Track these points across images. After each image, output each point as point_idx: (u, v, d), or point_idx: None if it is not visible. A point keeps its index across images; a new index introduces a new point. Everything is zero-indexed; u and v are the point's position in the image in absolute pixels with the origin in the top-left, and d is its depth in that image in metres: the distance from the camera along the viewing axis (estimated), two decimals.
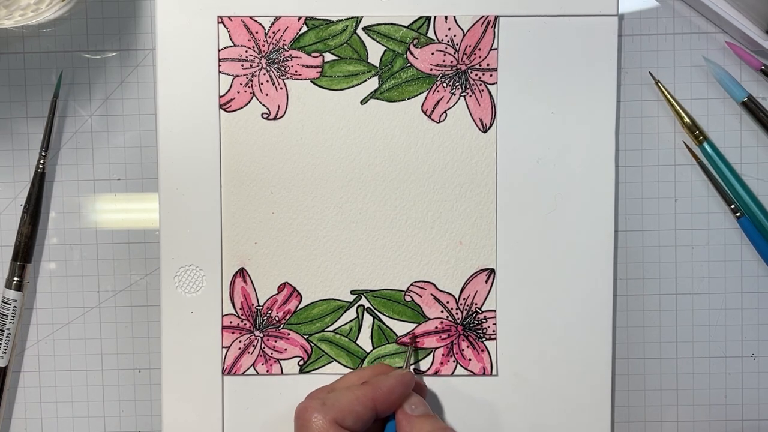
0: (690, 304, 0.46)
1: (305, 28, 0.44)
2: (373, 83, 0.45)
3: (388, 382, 0.40)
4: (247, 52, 0.44)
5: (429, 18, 0.44)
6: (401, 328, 0.45)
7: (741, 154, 0.46)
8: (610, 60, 0.44)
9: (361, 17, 0.44)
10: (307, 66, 0.44)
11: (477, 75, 0.44)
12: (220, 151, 0.44)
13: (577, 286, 0.45)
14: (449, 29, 0.44)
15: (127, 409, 0.46)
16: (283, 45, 0.44)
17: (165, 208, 0.44)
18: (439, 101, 0.45)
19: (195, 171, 0.44)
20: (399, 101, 0.45)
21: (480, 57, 0.44)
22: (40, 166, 0.45)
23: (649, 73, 0.45)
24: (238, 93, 0.44)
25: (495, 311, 0.45)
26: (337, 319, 0.45)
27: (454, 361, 0.45)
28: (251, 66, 0.44)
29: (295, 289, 0.45)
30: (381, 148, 0.45)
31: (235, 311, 0.45)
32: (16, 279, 0.45)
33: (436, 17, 0.44)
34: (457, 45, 0.44)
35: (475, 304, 0.45)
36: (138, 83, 0.46)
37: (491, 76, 0.44)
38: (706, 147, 0.45)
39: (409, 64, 0.44)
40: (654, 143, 0.46)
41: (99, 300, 0.46)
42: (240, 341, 0.45)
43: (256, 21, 0.44)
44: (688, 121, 0.45)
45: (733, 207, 0.45)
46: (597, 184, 0.45)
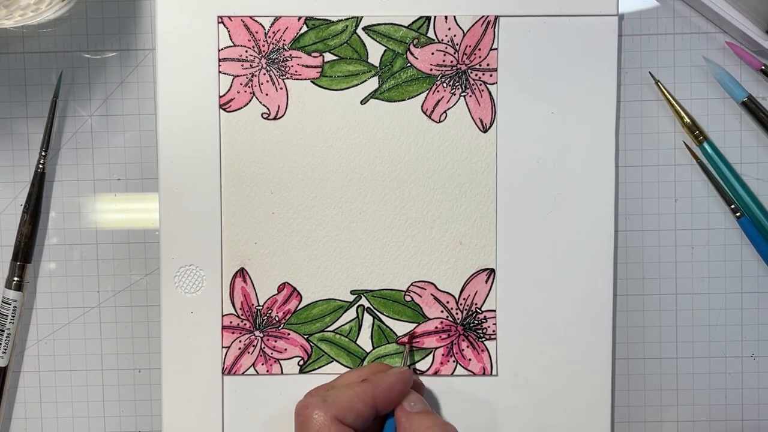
0: (690, 304, 0.46)
1: (305, 28, 0.44)
2: (373, 83, 0.45)
3: (388, 380, 0.40)
4: (247, 52, 0.44)
5: (429, 18, 0.44)
6: (401, 328, 0.45)
7: (741, 154, 0.46)
8: (610, 60, 0.44)
9: (361, 17, 0.44)
10: (307, 66, 0.44)
11: (477, 75, 0.44)
12: (220, 151, 0.44)
13: (577, 286, 0.45)
14: (449, 29, 0.44)
15: (127, 409, 0.46)
16: (283, 45, 0.44)
17: (165, 208, 0.44)
18: (439, 101, 0.45)
19: (195, 171, 0.44)
20: (399, 101, 0.45)
21: (480, 57, 0.44)
22: (40, 166, 0.45)
23: (649, 73, 0.45)
24: (238, 93, 0.44)
25: (495, 311, 0.45)
26: (337, 319, 0.45)
27: (454, 361, 0.45)
28: (251, 66, 0.44)
29: (295, 289, 0.45)
30: (381, 148, 0.45)
31: (235, 311, 0.45)
32: (16, 279, 0.45)
33: (436, 17, 0.44)
34: (457, 45, 0.44)
35: (475, 304, 0.45)
36: (138, 83, 0.46)
37: (491, 76, 0.44)
38: (706, 147, 0.45)
39: (409, 64, 0.44)
40: (654, 143, 0.46)
41: (99, 300, 0.46)
42: (240, 341, 0.45)
43: (256, 21, 0.44)
44: (688, 121, 0.45)
45: (733, 207, 0.45)
46: (597, 184, 0.45)
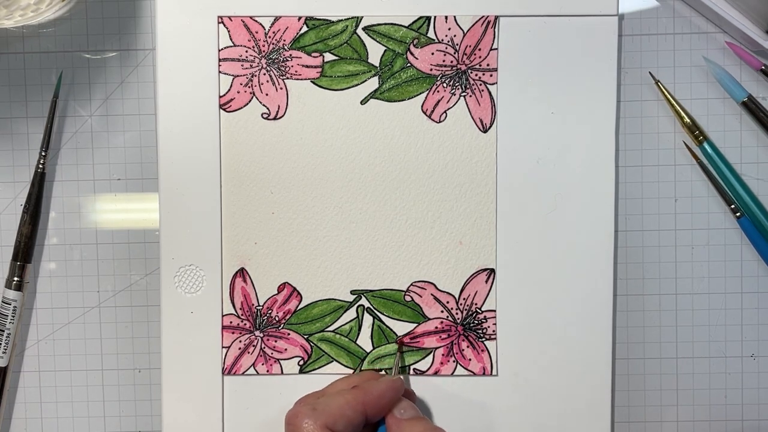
0: (690, 304, 0.46)
1: (305, 28, 0.44)
2: (373, 83, 0.45)
3: (378, 387, 0.40)
4: (247, 52, 0.44)
5: (429, 18, 0.44)
6: (401, 328, 0.45)
7: (741, 154, 0.46)
8: (610, 60, 0.44)
9: (361, 17, 0.44)
10: (307, 66, 0.44)
11: (477, 75, 0.44)
12: (220, 151, 0.44)
13: (577, 286, 0.45)
14: (449, 29, 0.44)
15: (127, 409, 0.46)
16: (283, 45, 0.44)
17: (165, 208, 0.44)
18: (439, 101, 0.45)
19: (195, 171, 0.44)
20: (399, 101, 0.45)
21: (480, 57, 0.44)
22: (40, 166, 0.45)
23: (649, 73, 0.45)
24: (238, 93, 0.44)
25: (495, 311, 0.45)
26: (337, 319, 0.45)
27: (454, 361, 0.45)
28: (251, 66, 0.44)
29: (295, 289, 0.45)
30: (381, 148, 0.45)
31: (235, 311, 0.45)
32: (16, 279, 0.45)
33: (436, 17, 0.44)
34: (457, 45, 0.44)
35: (475, 304, 0.45)
36: (138, 83, 0.46)
37: (491, 76, 0.44)
38: (706, 147, 0.45)
39: (409, 64, 0.44)
40: (654, 143, 0.46)
41: (99, 300, 0.46)
42: (240, 341, 0.45)
43: (256, 21, 0.44)
44: (688, 121, 0.45)
45: (733, 207, 0.45)
46: (597, 184, 0.45)
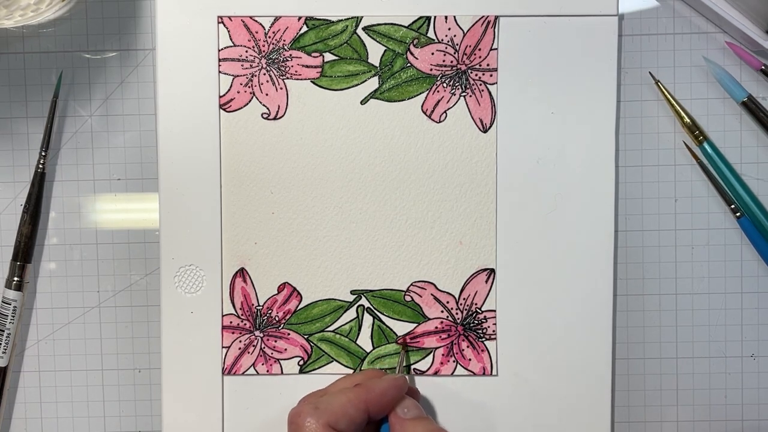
0: (690, 304, 0.46)
1: (305, 28, 0.44)
2: (373, 83, 0.45)
3: (381, 385, 0.40)
4: (247, 52, 0.44)
5: (429, 18, 0.44)
6: (401, 328, 0.45)
7: (741, 154, 0.46)
8: (610, 60, 0.44)
9: (361, 17, 0.44)
10: (307, 66, 0.44)
11: (477, 75, 0.44)
12: (220, 151, 0.44)
13: (577, 286, 0.45)
14: (449, 29, 0.44)
15: (127, 409, 0.46)
16: (283, 45, 0.44)
17: (165, 208, 0.44)
18: (439, 101, 0.45)
19: (195, 171, 0.44)
20: (399, 101, 0.45)
21: (480, 57, 0.44)
22: (40, 166, 0.45)
23: (649, 73, 0.45)
24: (238, 93, 0.44)
25: (495, 311, 0.45)
26: (337, 319, 0.45)
27: (454, 361, 0.45)
28: (251, 66, 0.44)
29: (295, 289, 0.45)
30: (381, 148, 0.45)
31: (235, 311, 0.45)
32: (16, 279, 0.45)
33: (436, 17, 0.44)
34: (457, 45, 0.44)
35: (475, 304, 0.45)
36: (138, 83, 0.46)
37: (491, 76, 0.44)
38: (706, 147, 0.45)
39: (409, 64, 0.44)
40: (654, 143, 0.46)
41: (99, 300, 0.46)
42: (240, 341, 0.45)
43: (256, 21, 0.44)
44: (688, 121, 0.45)
45: (733, 207, 0.45)
46: (597, 184, 0.45)
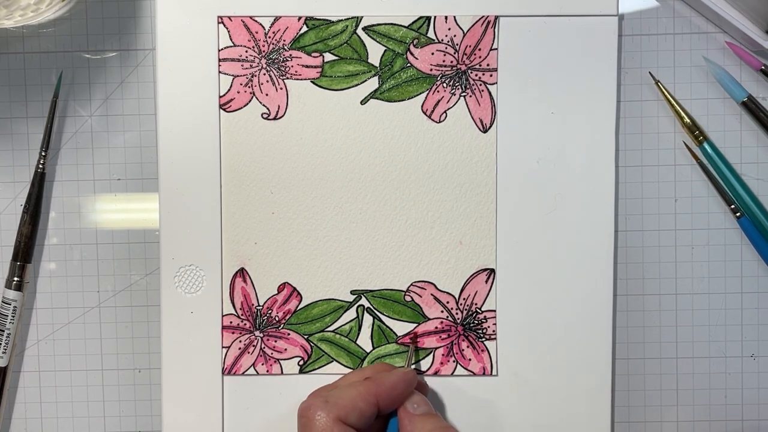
0: (690, 304, 0.46)
1: (305, 28, 0.44)
2: (373, 83, 0.45)
3: (391, 379, 0.40)
4: (247, 52, 0.44)
5: (429, 18, 0.44)
6: (401, 328, 0.45)
7: (741, 154, 0.46)
8: (610, 60, 0.44)
9: (361, 17, 0.44)
10: (307, 66, 0.44)
11: (477, 75, 0.44)
12: (220, 151, 0.44)
13: (577, 286, 0.45)
14: (449, 29, 0.44)
15: (127, 409, 0.46)
16: (283, 45, 0.44)
17: (165, 208, 0.44)
18: (439, 101, 0.45)
19: (195, 171, 0.44)
20: (399, 101, 0.45)
21: (480, 57, 0.44)
22: (40, 166, 0.45)
23: (649, 73, 0.45)
24: (238, 93, 0.44)
25: (495, 311, 0.45)
26: (337, 319, 0.45)
27: (454, 361, 0.45)
28: (251, 66, 0.44)
29: (295, 289, 0.45)
30: (381, 148, 0.45)
31: (235, 311, 0.45)
32: (16, 279, 0.45)
33: (436, 17, 0.44)
34: (457, 45, 0.44)
35: (475, 304, 0.45)
36: (138, 83, 0.46)
37: (491, 76, 0.44)
38: (706, 147, 0.45)
39: (409, 64, 0.44)
40: (654, 143, 0.46)
41: (99, 300, 0.46)
42: (240, 341, 0.45)
43: (256, 21, 0.44)
44: (688, 121, 0.45)
45: (733, 207, 0.45)
46: (597, 184, 0.45)
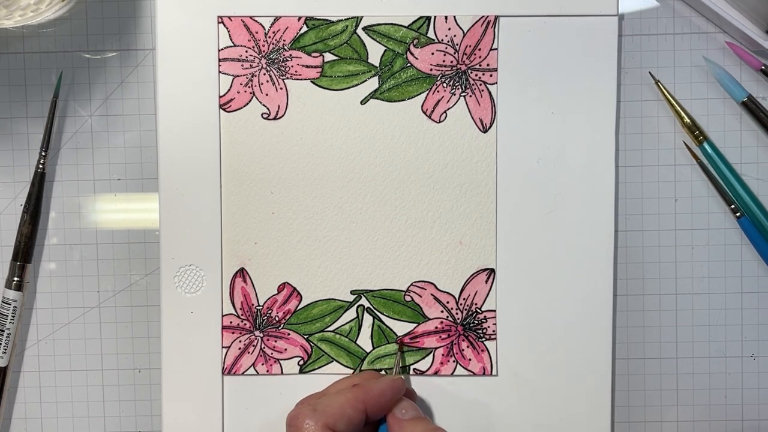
0: (690, 304, 0.46)
1: (305, 28, 0.44)
2: (373, 83, 0.45)
3: (379, 386, 0.40)
4: (247, 52, 0.44)
5: (429, 18, 0.44)
6: (401, 328, 0.45)
7: (741, 154, 0.46)
8: (610, 60, 0.44)
9: (361, 17, 0.44)
10: (307, 66, 0.44)
11: (477, 75, 0.44)
12: (220, 151, 0.44)
13: (577, 286, 0.45)
14: (449, 29, 0.44)
15: (127, 409, 0.46)
16: (283, 45, 0.44)
17: (165, 208, 0.44)
18: (439, 101, 0.45)
19: (195, 171, 0.44)
20: (399, 101, 0.45)
21: (480, 57, 0.44)
22: (40, 166, 0.45)
23: (649, 73, 0.45)
24: (238, 93, 0.44)
25: (495, 311, 0.45)
26: (337, 319, 0.45)
27: (454, 361, 0.45)
28: (251, 66, 0.44)
29: (295, 289, 0.45)
30: (381, 148, 0.45)
31: (235, 311, 0.45)
32: (16, 279, 0.45)
33: (436, 17, 0.44)
34: (457, 45, 0.44)
35: (475, 304, 0.45)
36: (138, 83, 0.46)
37: (491, 76, 0.44)
38: (706, 147, 0.45)
39: (409, 64, 0.44)
40: (654, 143, 0.46)
41: (99, 300, 0.46)
42: (240, 341, 0.45)
43: (256, 21, 0.44)
44: (688, 121, 0.45)
45: (733, 207, 0.45)
46: (597, 184, 0.45)
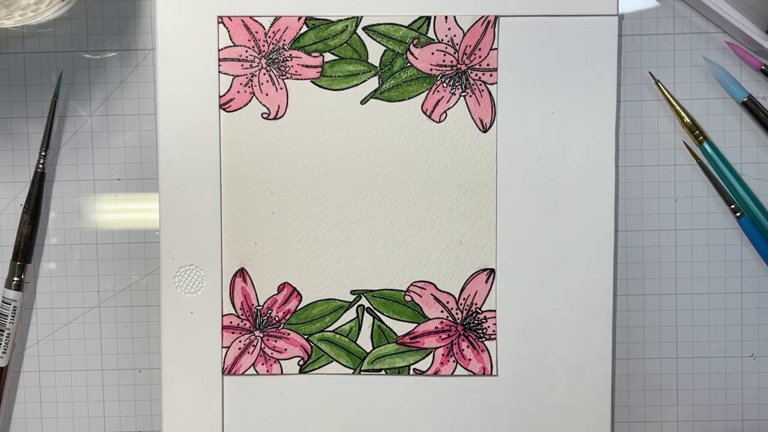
0: (690, 304, 0.46)
1: (305, 28, 0.44)
2: (373, 83, 0.45)
3: None
4: (247, 52, 0.44)
5: (429, 18, 0.44)
6: (401, 328, 0.45)
7: (741, 154, 0.46)
8: (610, 60, 0.44)
9: (361, 17, 0.44)
10: (307, 66, 0.44)
11: (477, 75, 0.44)
12: (220, 151, 0.44)
13: (577, 286, 0.45)
14: (449, 29, 0.44)
15: (127, 409, 0.46)
16: (283, 45, 0.44)
17: (165, 208, 0.44)
18: (439, 101, 0.45)
19: (195, 171, 0.44)
20: (399, 101, 0.45)
21: (480, 57, 0.44)
22: (40, 166, 0.45)
23: (649, 73, 0.45)
24: (238, 93, 0.44)
25: (495, 311, 0.45)
26: (337, 319, 0.45)
27: (454, 361, 0.45)
28: (251, 66, 0.44)
29: (295, 289, 0.45)
30: (381, 148, 0.45)
31: (235, 311, 0.45)
32: (16, 279, 0.45)
33: (436, 17, 0.44)
34: (457, 45, 0.44)
35: (475, 304, 0.45)
36: (138, 83, 0.46)
37: (491, 76, 0.44)
38: (706, 147, 0.45)
39: (409, 64, 0.44)
40: (654, 143, 0.46)
41: (99, 300, 0.46)
42: (240, 341, 0.45)
43: (256, 21, 0.44)
44: (688, 121, 0.45)
45: (733, 207, 0.45)
46: (597, 184, 0.45)
